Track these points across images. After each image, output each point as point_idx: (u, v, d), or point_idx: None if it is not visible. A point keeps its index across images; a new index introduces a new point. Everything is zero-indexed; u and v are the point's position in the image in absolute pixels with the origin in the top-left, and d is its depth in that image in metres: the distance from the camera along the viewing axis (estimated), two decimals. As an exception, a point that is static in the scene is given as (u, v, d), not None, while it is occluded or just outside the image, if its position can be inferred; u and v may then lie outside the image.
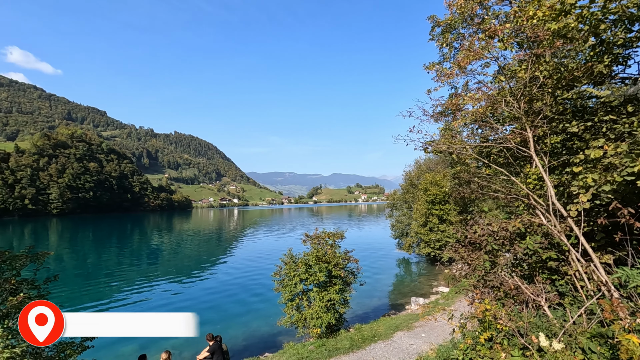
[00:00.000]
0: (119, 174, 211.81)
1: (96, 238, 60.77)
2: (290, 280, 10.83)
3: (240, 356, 11.44)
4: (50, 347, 7.04)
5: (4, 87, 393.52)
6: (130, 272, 28.12)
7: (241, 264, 29.47)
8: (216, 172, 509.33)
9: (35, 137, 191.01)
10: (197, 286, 22.55)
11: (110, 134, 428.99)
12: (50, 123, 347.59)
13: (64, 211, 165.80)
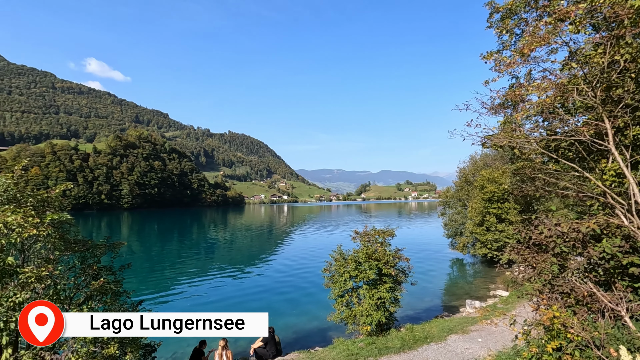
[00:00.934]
0: (180, 172, 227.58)
1: (160, 231, 66.07)
2: (340, 276, 10.88)
3: (291, 348, 11.75)
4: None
5: (84, 95, 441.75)
6: (189, 264, 30.18)
7: (292, 259, 30.19)
8: (267, 169, 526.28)
9: (109, 138, 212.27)
10: (251, 278, 23.54)
11: (172, 135, 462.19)
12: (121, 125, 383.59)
13: (133, 206, 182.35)
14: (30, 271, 5.94)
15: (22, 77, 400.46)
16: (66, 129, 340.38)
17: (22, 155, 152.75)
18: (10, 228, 5.93)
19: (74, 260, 7.58)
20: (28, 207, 6.46)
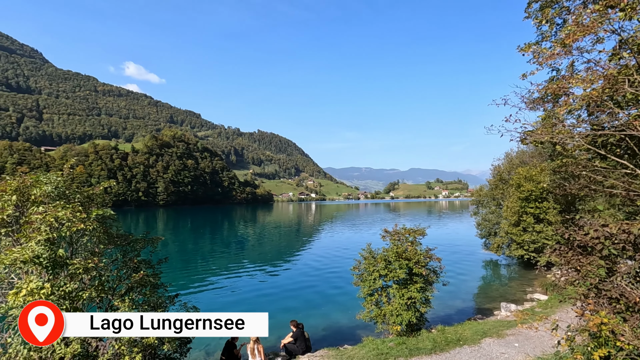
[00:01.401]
0: (211, 170, 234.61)
1: (193, 227, 68.50)
2: (369, 275, 10.81)
3: (320, 345, 11.82)
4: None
5: (123, 97, 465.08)
6: (221, 259, 31.08)
7: (320, 256, 30.34)
8: (295, 167, 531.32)
9: (146, 138, 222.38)
10: (280, 275, 23.89)
11: (203, 134, 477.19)
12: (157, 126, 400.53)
13: (168, 203, 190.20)
14: (79, 263, 6.35)
15: (68, 81, 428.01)
16: (107, 129, 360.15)
17: (68, 154, 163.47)
18: (60, 222, 6.37)
19: (117, 254, 8.02)
20: (76, 203, 6.90)
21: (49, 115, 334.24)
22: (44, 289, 5.90)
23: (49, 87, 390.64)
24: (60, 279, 6.34)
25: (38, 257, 6.04)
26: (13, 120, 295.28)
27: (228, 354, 9.09)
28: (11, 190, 6.67)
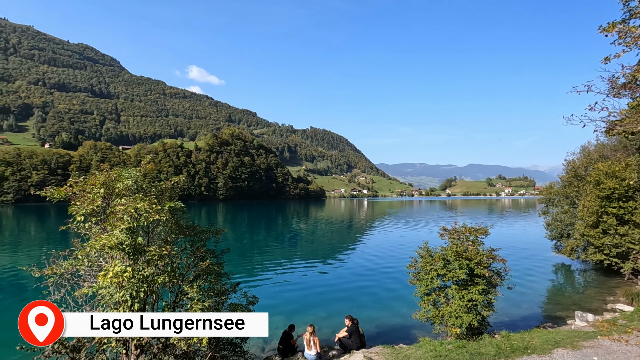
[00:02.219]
0: (266, 167, 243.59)
1: (249, 221, 71.79)
2: (426, 274, 10.45)
3: (373, 342, 11.74)
4: (225, 306, 8.71)
5: (187, 99, 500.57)
6: (275, 252, 32.18)
7: (373, 253, 30.05)
8: (347, 163, 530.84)
9: (207, 137, 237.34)
10: (333, 270, 24.12)
11: (259, 132, 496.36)
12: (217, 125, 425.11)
13: (226, 197, 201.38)
14: (155, 250, 6.99)
15: (141, 86, 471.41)
16: (174, 129, 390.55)
17: (141, 153, 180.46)
18: (139, 213, 7.05)
19: (185, 243, 8.68)
20: (152, 196, 7.59)
21: (126, 117, 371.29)
22: (126, 272, 6.59)
23: (125, 91, 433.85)
24: (139, 264, 7.02)
25: (121, 244, 6.76)
26: (97, 123, 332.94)
27: (285, 343, 9.41)
28: (99, 184, 7.53)
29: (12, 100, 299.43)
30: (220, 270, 8.41)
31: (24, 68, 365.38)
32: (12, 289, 19.60)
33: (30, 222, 67.00)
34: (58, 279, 7.52)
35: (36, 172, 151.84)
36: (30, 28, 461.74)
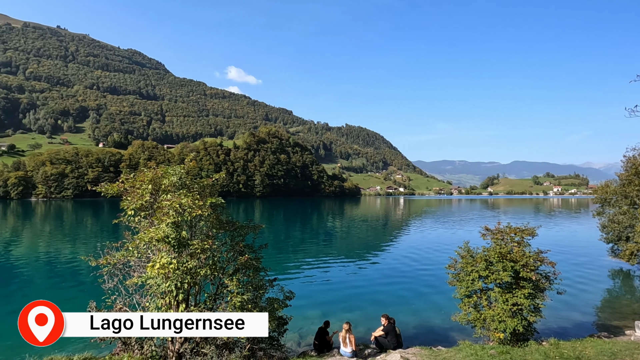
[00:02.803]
0: (302, 164, 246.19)
1: (285, 217, 72.99)
2: (467, 275, 10.04)
3: (410, 342, 11.51)
4: (263, 300, 8.93)
5: (226, 99, 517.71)
6: (310, 249, 32.48)
7: (411, 252, 29.44)
8: (383, 161, 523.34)
9: (245, 135, 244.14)
10: (369, 268, 23.92)
11: (295, 130, 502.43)
12: (254, 123, 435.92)
13: (263, 194, 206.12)
14: (197, 244, 7.32)
15: (184, 87, 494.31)
16: (214, 128, 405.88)
17: (184, 151, 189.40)
18: (183, 208, 7.41)
19: (225, 238, 9.00)
20: (194, 192, 7.94)
21: (170, 117, 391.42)
22: (171, 264, 6.96)
23: (169, 93, 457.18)
24: (183, 257, 7.39)
25: (167, 237, 7.14)
26: (144, 123, 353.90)
27: (320, 339, 9.49)
28: (147, 180, 8.00)
29: (71, 104, 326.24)
30: (259, 264, 8.63)
31: (81, 74, 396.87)
32: (73, 276, 21.42)
33: (86, 215, 72.81)
34: (111, 269, 8.10)
35: (92, 170, 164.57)
36: (86, 36, 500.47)
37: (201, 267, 7.55)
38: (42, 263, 25.22)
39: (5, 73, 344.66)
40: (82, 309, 8.25)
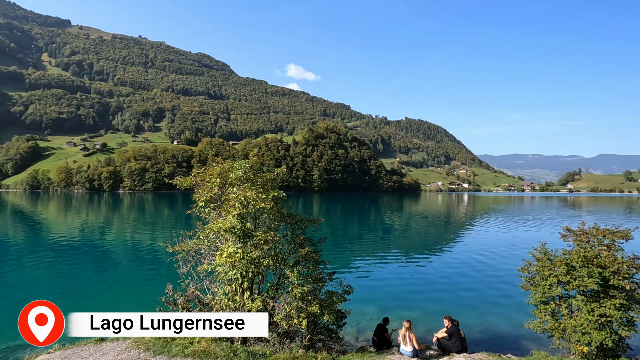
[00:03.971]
0: (360, 159, 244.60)
1: (343, 212, 73.19)
2: (543, 279, 9.12)
3: (476, 347, 10.84)
4: (322, 293, 9.07)
5: (286, 96, 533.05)
6: (367, 244, 32.17)
7: (477, 252, 27.71)
8: (445, 155, 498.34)
9: (304, 131, 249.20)
10: (429, 267, 23.03)
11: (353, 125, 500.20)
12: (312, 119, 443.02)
13: (321, 189, 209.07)
14: (261, 235, 7.66)
15: (247, 86, 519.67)
16: (274, 125, 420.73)
17: (247, 147, 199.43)
18: (247, 201, 7.79)
19: (286, 230, 9.29)
20: (258, 186, 8.30)
21: (234, 115, 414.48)
22: (237, 253, 7.37)
23: (234, 92, 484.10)
24: (248, 247, 7.78)
25: (233, 228, 7.57)
26: (212, 122, 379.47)
27: (380, 336, 9.37)
28: (216, 174, 8.55)
29: (150, 106, 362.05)
30: (318, 257, 8.77)
31: (159, 78, 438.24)
32: (152, 260, 23.89)
33: (163, 206, 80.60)
34: (185, 255, 8.85)
35: (167, 165, 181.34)
36: (163, 44, 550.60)
37: (264, 257, 7.89)
38: (128, 247, 28.56)
39: (99, 80, 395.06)
40: (160, 291, 9.15)
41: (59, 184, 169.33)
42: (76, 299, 15.62)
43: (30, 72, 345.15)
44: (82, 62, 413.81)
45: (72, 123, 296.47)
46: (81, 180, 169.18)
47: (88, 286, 17.63)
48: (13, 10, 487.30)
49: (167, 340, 7.99)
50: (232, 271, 7.56)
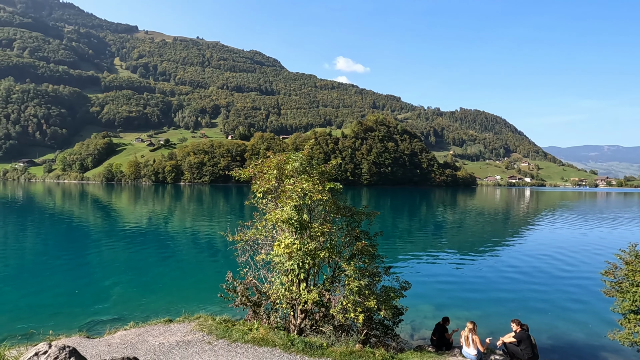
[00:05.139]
0: (410, 152, 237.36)
1: (392, 206, 71.66)
2: (633, 285, 8.01)
3: (546, 355, 9.97)
4: (378, 288, 8.85)
5: (335, 89, 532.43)
6: (418, 240, 31.09)
7: (544, 252, 25.55)
8: (504, 147, 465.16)
9: (352, 124, 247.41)
10: (487, 266, 21.66)
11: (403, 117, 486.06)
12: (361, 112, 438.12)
13: (370, 183, 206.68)
14: (318, 227, 7.61)
15: (297, 81, 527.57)
16: (323, 118, 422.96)
17: (297, 141, 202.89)
18: (304, 193, 7.77)
19: (341, 223, 9.16)
20: (314, 177, 8.25)
21: (285, 110, 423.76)
22: (295, 244, 7.41)
23: (284, 88, 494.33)
24: (304, 239, 7.79)
25: (291, 219, 7.61)
26: (263, 117, 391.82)
27: (439, 336, 8.93)
28: (273, 166, 8.66)
29: (207, 103, 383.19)
30: (374, 251, 8.54)
31: (214, 76, 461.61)
32: (209, 248, 25.32)
33: (218, 198, 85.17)
34: (244, 245, 9.13)
35: (223, 159, 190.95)
36: (218, 43, 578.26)
37: (320, 249, 7.84)
38: (188, 235, 30.58)
39: (162, 80, 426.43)
40: (216, 277, 9.53)
41: (130, 177, 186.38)
42: (144, 281, 17.04)
43: (105, 76, 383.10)
44: (147, 64, 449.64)
45: (140, 121, 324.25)
46: (148, 173, 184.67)
47: (154, 270, 19.19)
48: (91, 20, 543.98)
49: (227, 325, 8.33)
50: (289, 262, 7.63)
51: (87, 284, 16.22)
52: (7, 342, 7.83)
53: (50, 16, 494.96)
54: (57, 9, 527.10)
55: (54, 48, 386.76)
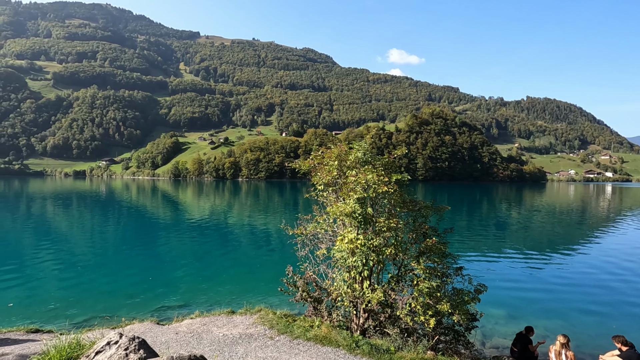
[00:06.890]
0: (470, 145, 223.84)
1: (450, 202, 67.89)
2: None
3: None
4: (449, 290, 8.05)
5: (388, 83, 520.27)
6: (477, 240, 28.71)
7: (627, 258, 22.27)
8: (579, 138, 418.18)
9: (407, 118, 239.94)
10: (571, 269, 19.34)
11: (461, 108, 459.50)
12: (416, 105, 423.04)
13: (426, 178, 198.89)
14: (383, 222, 7.05)
15: (348, 76, 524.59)
16: (376, 113, 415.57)
17: (349, 137, 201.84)
18: (368, 184, 7.26)
19: (408, 218, 8.48)
20: (379, 168, 7.69)
21: (337, 106, 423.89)
22: (359, 239, 6.94)
23: (336, 84, 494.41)
24: (369, 234, 7.28)
25: (354, 213, 7.15)
26: (316, 113, 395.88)
27: (521, 347, 7.89)
28: (335, 156, 8.25)
29: (262, 102, 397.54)
30: (445, 250, 7.76)
31: (269, 75, 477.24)
32: (266, 242, 25.87)
33: (274, 193, 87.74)
34: (304, 239, 8.88)
35: (277, 155, 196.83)
36: (272, 43, 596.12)
37: (386, 245, 7.29)
38: (246, 229, 31.68)
39: (221, 82, 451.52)
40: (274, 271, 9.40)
41: (193, 173, 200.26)
42: (208, 272, 17.83)
43: (172, 80, 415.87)
44: (208, 67, 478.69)
45: (202, 121, 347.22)
46: (209, 170, 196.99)
47: (216, 261, 20.07)
48: (159, 29, 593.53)
49: (288, 320, 8.15)
50: (352, 258, 7.19)
51: (158, 273, 17.38)
52: (87, 324, 8.42)
53: (125, 28, 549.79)
54: (131, 21, 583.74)
55: (129, 57, 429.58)
